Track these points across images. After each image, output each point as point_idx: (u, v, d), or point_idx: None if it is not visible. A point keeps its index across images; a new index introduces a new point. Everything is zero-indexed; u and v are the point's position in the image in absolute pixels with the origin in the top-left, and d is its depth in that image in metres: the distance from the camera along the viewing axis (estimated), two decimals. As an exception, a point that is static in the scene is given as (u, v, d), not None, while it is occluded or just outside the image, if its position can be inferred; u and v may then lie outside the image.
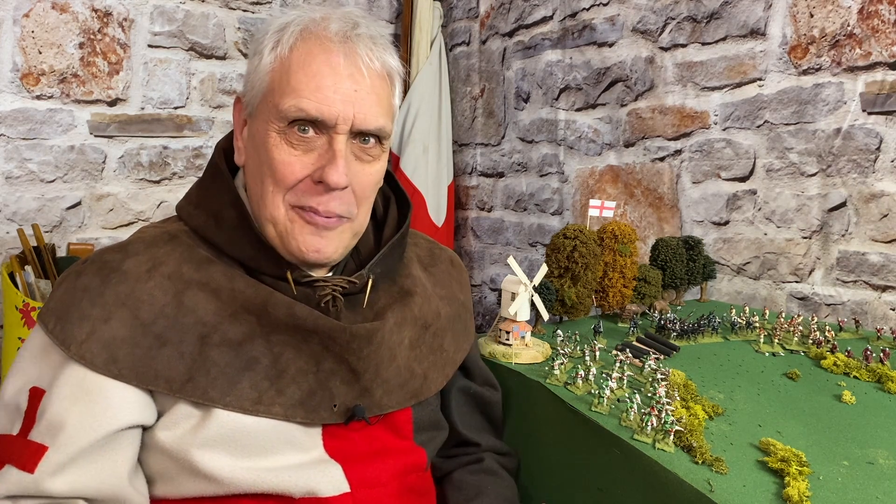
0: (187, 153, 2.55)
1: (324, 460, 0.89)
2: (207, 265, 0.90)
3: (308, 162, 0.88)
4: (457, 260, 1.19)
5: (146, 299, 0.85)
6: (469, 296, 1.17)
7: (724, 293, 2.05)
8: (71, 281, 0.87)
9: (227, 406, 0.84)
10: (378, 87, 0.91)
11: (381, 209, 1.09)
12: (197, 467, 0.83)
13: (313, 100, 0.86)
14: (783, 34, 1.88)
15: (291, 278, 0.91)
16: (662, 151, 2.21)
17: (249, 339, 0.87)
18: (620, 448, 0.94)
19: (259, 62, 0.91)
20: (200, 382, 0.84)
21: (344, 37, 0.89)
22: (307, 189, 0.89)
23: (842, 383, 1.17)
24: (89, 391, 0.81)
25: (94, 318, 0.83)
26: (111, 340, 0.82)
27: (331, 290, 0.91)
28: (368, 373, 0.92)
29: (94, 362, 0.81)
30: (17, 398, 0.82)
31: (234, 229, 0.91)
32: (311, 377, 0.89)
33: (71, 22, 2.25)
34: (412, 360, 0.99)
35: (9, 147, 2.18)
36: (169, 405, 0.85)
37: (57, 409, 0.80)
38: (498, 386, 1.17)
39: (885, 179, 1.70)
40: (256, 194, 0.92)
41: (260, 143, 0.90)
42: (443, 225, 2.90)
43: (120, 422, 0.82)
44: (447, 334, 1.07)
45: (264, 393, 0.86)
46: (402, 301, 1.00)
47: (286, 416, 0.87)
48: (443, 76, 2.94)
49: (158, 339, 0.84)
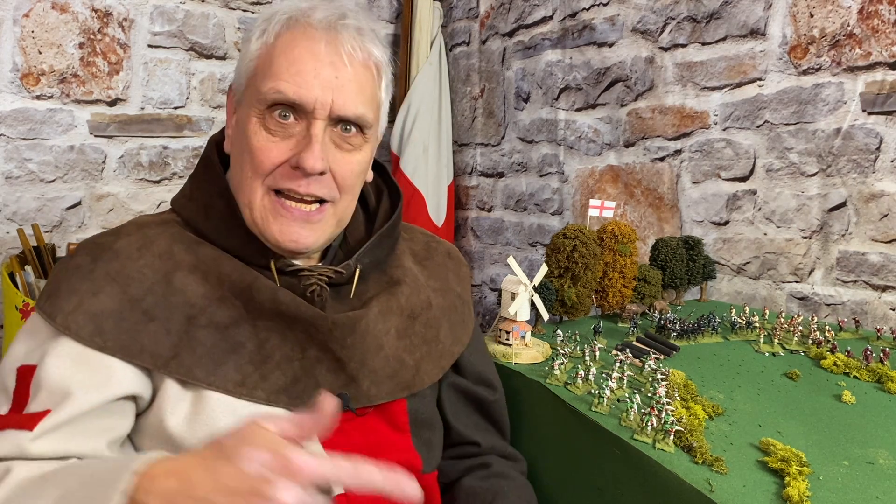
0: (187, 153, 2.55)
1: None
2: (197, 246, 0.91)
3: (286, 148, 0.89)
4: (455, 252, 1.17)
5: (136, 276, 0.86)
6: (468, 288, 1.15)
7: (724, 293, 2.05)
8: (64, 262, 0.89)
9: (210, 386, 0.84)
10: (361, 77, 0.91)
11: (373, 201, 1.09)
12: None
13: (292, 83, 0.87)
14: (783, 34, 1.88)
15: (275, 268, 0.91)
16: (662, 151, 2.21)
17: (236, 323, 0.88)
18: (620, 448, 0.94)
19: (247, 49, 0.93)
20: (186, 360, 0.84)
21: (328, 25, 0.90)
22: (285, 174, 0.89)
23: (842, 383, 1.17)
24: (88, 359, 0.81)
25: (83, 292, 0.83)
26: (98, 313, 0.82)
27: (316, 281, 0.91)
28: (354, 362, 0.92)
29: (79, 333, 0.81)
30: (5, 379, 0.82)
31: (222, 220, 0.92)
32: (296, 364, 0.89)
33: (71, 22, 2.25)
34: (402, 351, 0.98)
35: (9, 147, 2.18)
36: (159, 383, 0.85)
37: (58, 377, 0.79)
38: (497, 385, 1.13)
39: (885, 179, 1.70)
40: (237, 179, 0.93)
41: (242, 129, 0.91)
42: (443, 225, 2.90)
43: (123, 389, 0.81)
44: (442, 325, 1.05)
45: (248, 377, 0.86)
46: (388, 291, 0.99)
47: (268, 401, 0.86)
48: (443, 76, 2.94)
49: (146, 315, 0.84)
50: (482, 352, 1.16)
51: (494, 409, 1.12)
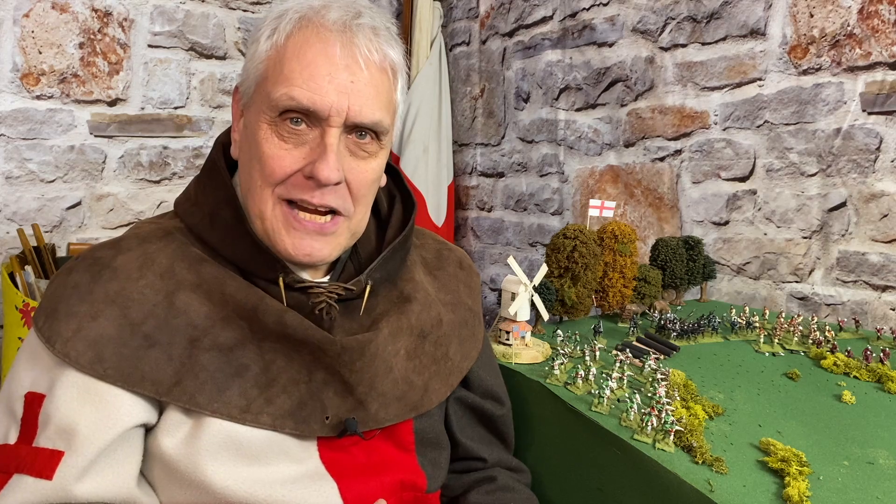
0: (187, 153, 2.55)
1: (319, 474, 0.86)
2: (200, 265, 0.87)
3: (299, 156, 0.84)
4: (466, 262, 1.12)
5: (136, 298, 0.82)
6: (478, 300, 1.10)
7: (724, 293, 2.05)
8: (62, 278, 0.84)
9: (214, 413, 0.81)
10: (377, 80, 0.87)
11: (385, 207, 1.03)
12: (190, 475, 0.81)
13: (306, 89, 0.82)
14: (783, 34, 1.88)
15: (283, 284, 0.86)
16: (662, 151, 2.21)
17: (240, 344, 0.84)
18: (620, 448, 0.94)
19: (255, 50, 0.87)
20: (188, 387, 0.81)
21: (343, 26, 0.85)
22: (298, 183, 0.85)
23: (842, 383, 1.17)
24: (95, 391, 0.78)
25: (82, 315, 0.80)
26: (98, 339, 0.79)
27: (325, 298, 0.87)
28: (362, 385, 0.88)
29: (78, 361, 0.78)
30: (12, 404, 0.80)
31: (228, 229, 0.88)
32: (302, 387, 0.85)
33: (71, 22, 2.25)
34: (411, 372, 0.94)
35: (9, 147, 2.18)
36: (164, 406, 0.83)
37: (65, 413, 0.77)
38: (505, 400, 1.09)
39: (885, 179, 1.70)
40: (245, 187, 0.88)
41: (251, 135, 0.86)
42: (443, 225, 2.90)
43: (132, 419, 0.79)
44: (452, 342, 1.01)
45: (253, 401, 0.83)
46: (399, 308, 0.95)
47: (274, 427, 0.83)
48: (443, 76, 2.94)
49: (147, 340, 0.81)
50: (491, 365, 1.11)
51: (501, 423, 1.09)
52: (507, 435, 1.10)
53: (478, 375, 1.06)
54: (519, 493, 1.04)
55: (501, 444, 1.10)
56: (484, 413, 1.06)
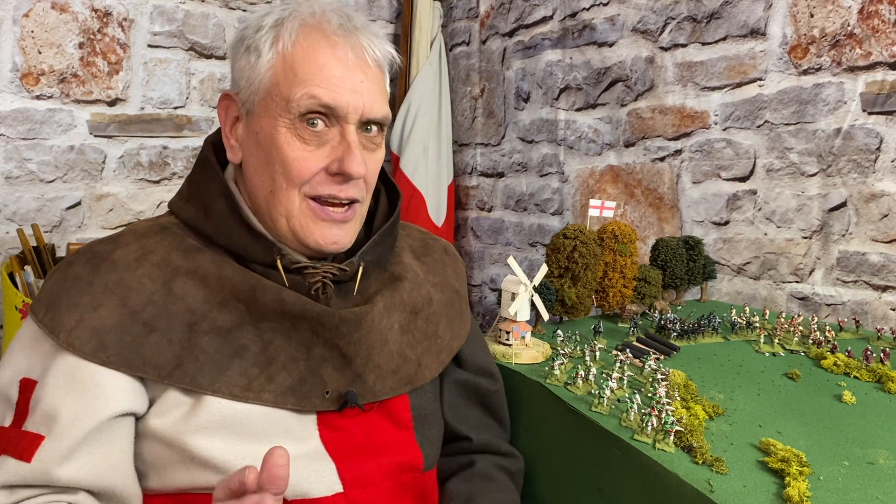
0: (187, 153, 2.55)
1: (319, 454, 0.89)
2: (196, 253, 0.91)
3: (322, 156, 0.90)
4: (451, 249, 1.19)
5: (135, 287, 0.86)
6: (464, 284, 1.16)
7: (725, 293, 2.05)
8: (62, 271, 0.88)
9: (216, 393, 0.84)
10: (378, 76, 0.94)
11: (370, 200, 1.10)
12: (190, 453, 0.83)
13: (325, 87, 0.88)
14: (783, 34, 1.88)
15: (281, 265, 0.91)
16: (662, 151, 2.21)
17: (238, 326, 0.88)
18: (620, 448, 0.94)
19: (257, 59, 0.91)
20: (189, 369, 0.84)
21: (346, 30, 0.91)
22: (323, 181, 0.91)
23: (842, 383, 1.17)
24: (81, 380, 0.82)
25: (83, 306, 0.83)
26: (100, 328, 0.83)
27: (321, 277, 0.92)
28: (360, 357, 0.92)
29: (83, 350, 0.82)
30: (8, 390, 0.83)
31: (223, 219, 0.92)
32: (301, 364, 0.89)
33: (71, 22, 2.24)
34: (405, 346, 0.99)
35: (8, 147, 2.18)
36: (159, 392, 0.85)
37: (50, 399, 0.81)
38: (498, 376, 1.14)
39: (886, 179, 1.70)
40: (265, 191, 0.92)
41: (266, 141, 0.91)
42: (443, 225, 2.90)
43: (113, 409, 0.82)
44: (441, 320, 1.06)
45: (254, 380, 0.87)
46: (391, 287, 1.01)
47: (276, 403, 0.87)
48: (443, 76, 2.94)
49: (147, 327, 0.84)
50: (481, 344, 1.16)
51: (495, 399, 1.13)
52: (500, 412, 1.14)
53: (470, 352, 1.11)
54: (496, 482, 1.04)
55: (496, 424, 1.13)
56: (479, 390, 1.10)
